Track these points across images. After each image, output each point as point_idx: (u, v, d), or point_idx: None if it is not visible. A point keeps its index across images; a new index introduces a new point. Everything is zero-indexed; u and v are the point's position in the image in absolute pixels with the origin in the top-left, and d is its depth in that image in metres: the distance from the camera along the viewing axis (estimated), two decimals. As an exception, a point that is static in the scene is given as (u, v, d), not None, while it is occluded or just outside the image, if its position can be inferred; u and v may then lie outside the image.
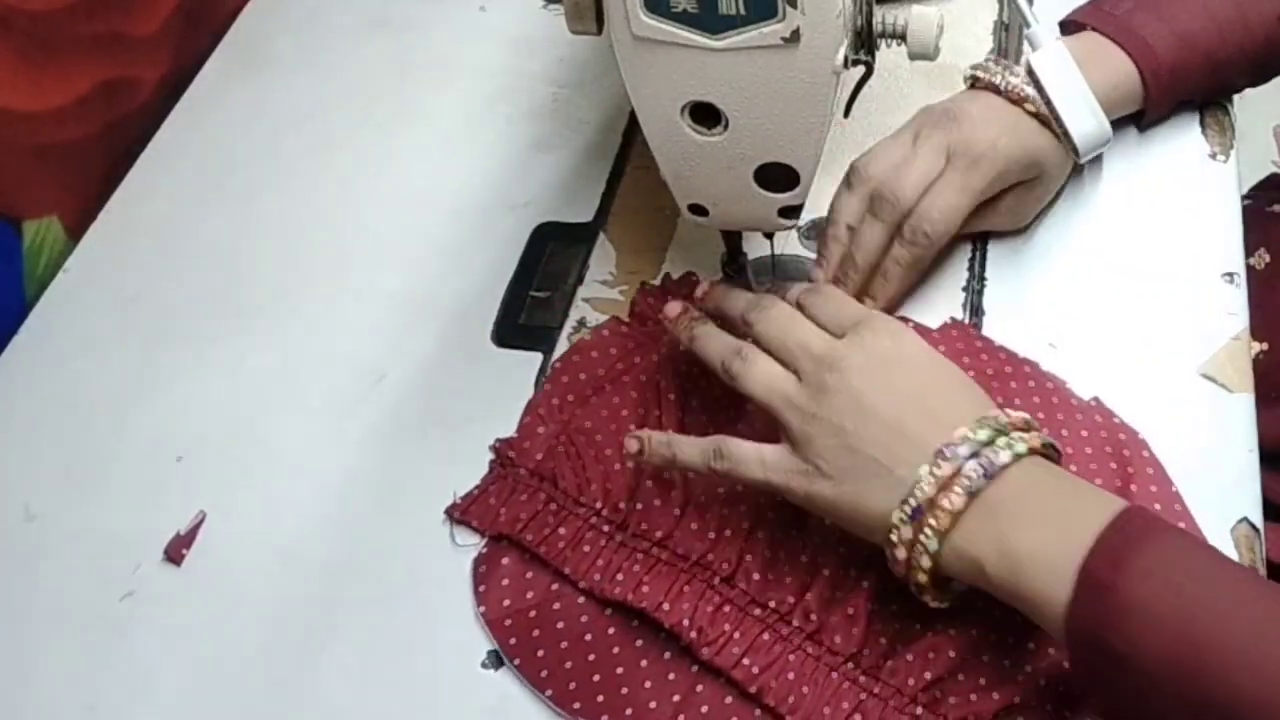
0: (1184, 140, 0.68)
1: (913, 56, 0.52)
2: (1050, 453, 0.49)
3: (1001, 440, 0.47)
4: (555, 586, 0.56)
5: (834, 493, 0.49)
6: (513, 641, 0.55)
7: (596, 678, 0.53)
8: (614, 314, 0.66)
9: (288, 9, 0.88)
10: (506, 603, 0.56)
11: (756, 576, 0.54)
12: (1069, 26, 0.66)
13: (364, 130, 0.79)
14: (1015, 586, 0.45)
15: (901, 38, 0.51)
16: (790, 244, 0.65)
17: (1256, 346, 0.69)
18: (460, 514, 0.59)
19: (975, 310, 0.63)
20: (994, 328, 0.62)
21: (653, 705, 0.52)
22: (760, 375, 0.52)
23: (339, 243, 0.73)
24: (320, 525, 0.60)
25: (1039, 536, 0.45)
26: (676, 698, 0.52)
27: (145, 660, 0.57)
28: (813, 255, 0.63)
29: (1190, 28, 0.63)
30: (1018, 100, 0.61)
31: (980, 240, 0.65)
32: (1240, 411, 0.57)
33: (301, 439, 0.64)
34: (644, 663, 0.53)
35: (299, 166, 0.77)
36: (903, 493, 0.47)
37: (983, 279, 0.64)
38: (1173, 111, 0.67)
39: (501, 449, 0.61)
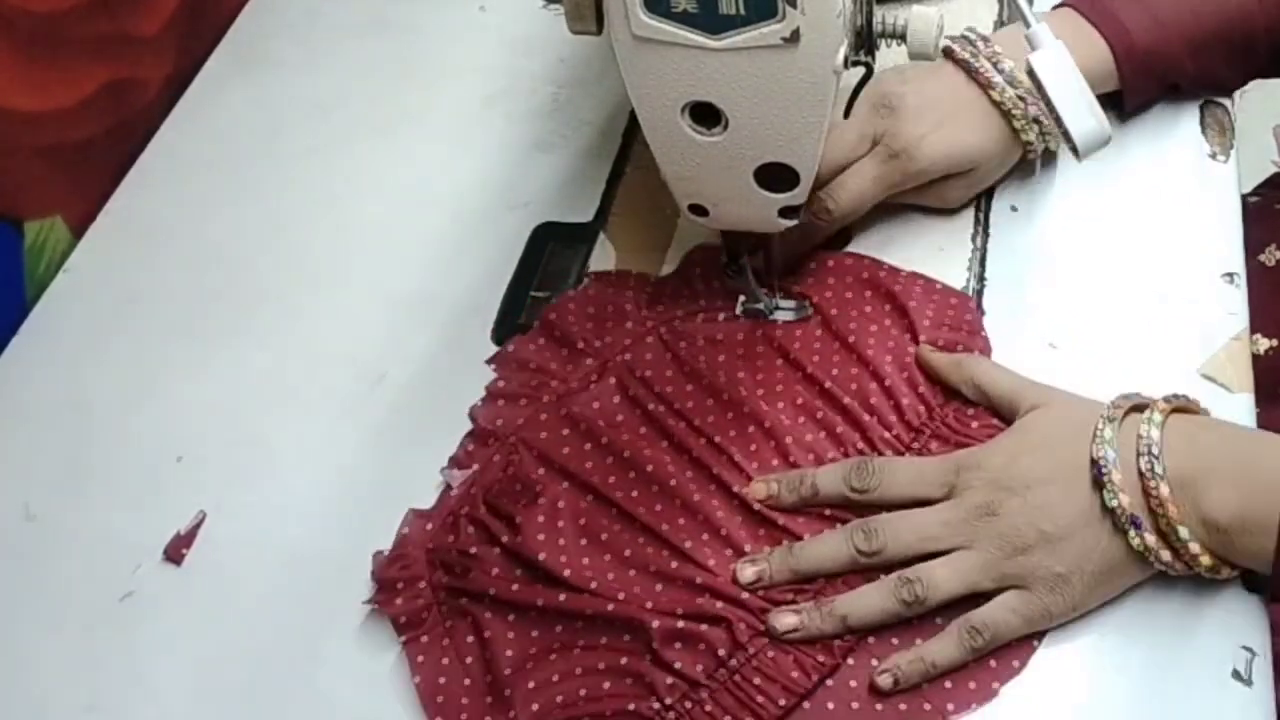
0: (1184, 140, 0.68)
1: (913, 56, 0.52)
2: (1183, 404, 0.53)
3: (1141, 418, 0.51)
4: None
5: (1079, 592, 0.50)
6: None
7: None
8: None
9: (288, 9, 0.88)
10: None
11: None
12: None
13: (364, 130, 0.79)
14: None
15: (901, 38, 0.51)
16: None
17: (1266, 342, 0.69)
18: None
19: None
20: (994, 327, 0.62)
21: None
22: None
23: (339, 243, 0.73)
24: (320, 525, 0.60)
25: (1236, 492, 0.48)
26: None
27: (145, 660, 0.57)
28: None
29: (1166, 11, 0.63)
30: (984, 85, 0.61)
31: (980, 241, 0.65)
32: (1240, 411, 0.57)
33: (301, 439, 0.64)
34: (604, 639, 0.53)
35: (299, 166, 0.77)
36: (1115, 519, 0.50)
37: (983, 279, 0.64)
38: (1157, 96, 0.67)
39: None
